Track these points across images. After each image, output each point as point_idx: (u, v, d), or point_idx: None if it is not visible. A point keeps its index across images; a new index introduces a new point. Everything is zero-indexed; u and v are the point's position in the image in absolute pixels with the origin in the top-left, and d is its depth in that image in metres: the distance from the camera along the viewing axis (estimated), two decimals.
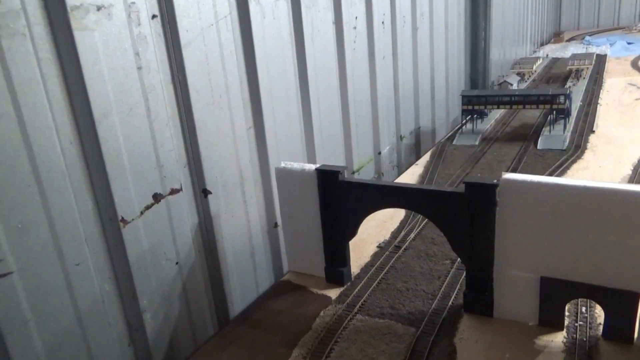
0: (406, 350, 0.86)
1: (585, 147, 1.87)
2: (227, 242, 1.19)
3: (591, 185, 0.77)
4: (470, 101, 2.13)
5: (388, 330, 0.92)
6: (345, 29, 1.58)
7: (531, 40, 5.13)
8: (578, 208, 0.79)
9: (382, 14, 1.84)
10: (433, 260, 1.16)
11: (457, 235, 0.92)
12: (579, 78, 3.11)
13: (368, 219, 1.43)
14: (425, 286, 1.05)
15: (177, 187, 1.03)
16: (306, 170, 1.05)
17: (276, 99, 1.30)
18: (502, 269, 0.89)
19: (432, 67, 2.42)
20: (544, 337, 0.86)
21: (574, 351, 0.82)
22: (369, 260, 1.20)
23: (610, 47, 4.45)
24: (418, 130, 2.33)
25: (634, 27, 5.82)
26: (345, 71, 1.62)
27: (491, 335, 0.88)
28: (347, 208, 1.03)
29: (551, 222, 0.81)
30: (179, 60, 1.00)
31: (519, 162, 1.79)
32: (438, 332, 0.90)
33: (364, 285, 1.08)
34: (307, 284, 1.11)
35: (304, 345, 0.90)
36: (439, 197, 0.92)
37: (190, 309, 1.10)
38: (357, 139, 1.75)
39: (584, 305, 0.92)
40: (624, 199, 0.75)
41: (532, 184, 0.82)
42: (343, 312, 0.99)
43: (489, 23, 2.98)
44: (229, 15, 1.11)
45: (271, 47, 1.26)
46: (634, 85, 2.86)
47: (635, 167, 1.61)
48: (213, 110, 1.10)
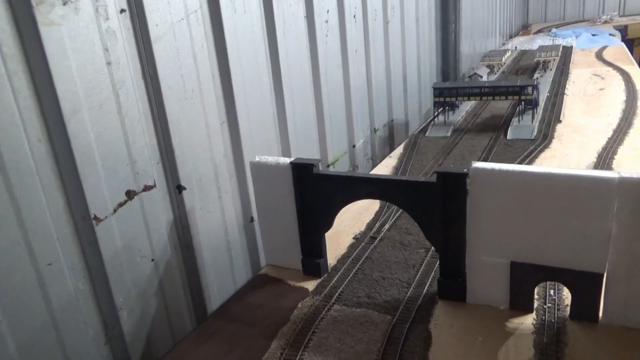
0: (383, 338, 0.87)
1: (552, 137, 1.93)
2: (203, 238, 1.18)
3: (556, 172, 0.80)
4: (442, 93, 2.16)
5: (365, 319, 0.94)
6: (317, 22, 1.59)
7: (500, 32, 5.23)
8: (544, 194, 0.81)
9: (354, 8, 1.85)
10: (408, 249, 1.18)
11: (430, 224, 0.94)
12: (546, 69, 3.19)
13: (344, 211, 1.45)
14: (401, 275, 1.07)
15: (151, 184, 1.02)
16: (281, 163, 1.05)
17: (249, 93, 1.30)
18: (474, 256, 0.91)
19: (404, 60, 2.45)
20: (515, 319, 0.89)
21: (543, 332, 0.85)
22: (345, 251, 1.21)
23: (575, 39, 4.57)
24: (391, 123, 2.36)
25: (598, 20, 5.98)
26: (318, 65, 1.62)
27: (465, 320, 0.90)
28: (322, 200, 1.04)
29: (519, 208, 0.84)
30: (149, 55, 0.99)
31: (490, 152, 1.83)
32: (414, 319, 0.92)
33: (340, 276, 1.09)
34: (285, 277, 1.12)
35: (282, 336, 0.91)
36: (411, 187, 0.94)
37: (167, 305, 1.09)
38: (332, 133, 1.76)
39: (552, 288, 0.96)
40: (587, 185, 0.78)
41: (500, 172, 0.84)
42: (320, 302, 1.00)
43: (458, 16, 3.02)
44: (199, 9, 1.10)
45: (243, 42, 1.26)
46: (598, 76, 2.96)
47: (600, 155, 1.67)
48: (186, 106, 1.09)
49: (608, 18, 5.94)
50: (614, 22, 5.73)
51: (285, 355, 0.85)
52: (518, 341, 0.83)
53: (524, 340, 0.84)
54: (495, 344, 0.83)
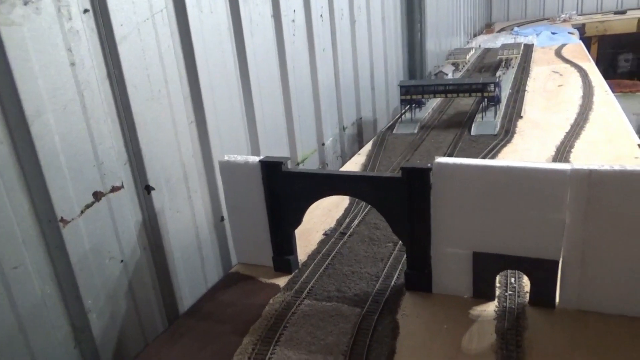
0: (352, 329, 0.90)
1: (514, 132, 1.99)
2: (173, 238, 1.18)
3: (513, 165, 0.84)
4: (408, 91, 2.21)
5: (335, 312, 0.96)
6: (284, 22, 1.60)
7: (465, 31, 5.35)
8: (503, 187, 0.85)
9: (320, 7, 1.87)
10: (376, 243, 1.21)
11: (397, 218, 0.97)
12: (508, 67, 3.28)
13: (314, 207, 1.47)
14: (370, 268, 1.10)
15: (119, 185, 1.02)
16: (250, 162, 1.06)
17: (217, 92, 1.30)
18: (438, 248, 0.95)
19: (371, 59, 2.48)
20: (478, 307, 0.93)
21: (504, 318, 0.89)
22: (316, 247, 1.23)
23: (536, 37, 4.72)
24: (360, 121, 2.39)
25: (558, 18, 6.18)
26: (285, 64, 1.64)
27: (430, 310, 0.94)
28: (291, 198, 1.05)
29: (480, 201, 0.88)
30: (114, 56, 0.99)
31: (455, 148, 1.89)
32: (382, 310, 0.95)
33: (311, 271, 1.11)
34: (256, 274, 1.13)
35: (254, 332, 0.92)
36: (378, 183, 0.97)
37: (138, 307, 1.09)
38: (301, 131, 1.77)
39: (513, 276, 1.00)
40: (541, 177, 0.82)
41: (461, 167, 0.88)
42: (291, 298, 1.02)
43: (423, 15, 3.08)
44: (164, 9, 1.10)
45: (210, 41, 1.26)
46: (557, 73, 3.07)
47: (558, 148, 1.74)
48: (153, 106, 1.09)
49: (567, 17, 6.15)
50: (573, 21, 5.93)
51: (257, 351, 0.87)
52: (481, 327, 0.87)
53: (487, 326, 0.87)
54: (460, 330, 0.87)
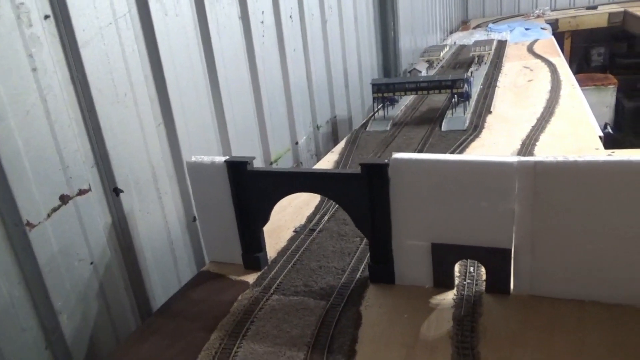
0: (317, 321, 0.93)
1: (483, 127, 2.04)
2: (144, 239, 1.20)
3: (465, 159, 0.88)
4: (380, 89, 2.24)
5: (301, 305, 0.99)
6: (252, 23, 1.62)
7: (441, 28, 5.42)
8: (456, 180, 0.89)
9: (290, 8, 1.89)
10: (344, 239, 1.24)
11: (359, 213, 1.00)
12: (481, 63, 3.35)
13: (285, 206, 1.50)
14: (337, 263, 1.13)
15: (86, 188, 1.03)
16: (216, 162, 1.09)
17: (185, 94, 1.32)
18: (399, 240, 0.98)
19: (344, 58, 2.52)
20: (438, 296, 0.96)
21: (461, 305, 0.93)
22: (286, 244, 1.26)
23: (510, 33, 4.80)
24: (334, 119, 2.43)
25: (532, 14, 6.30)
26: (255, 64, 1.66)
27: (393, 300, 0.97)
28: (258, 196, 1.08)
29: (436, 194, 0.91)
30: (77, 60, 1.00)
31: (425, 143, 1.93)
32: (346, 303, 0.98)
33: (280, 267, 1.14)
34: (227, 272, 1.16)
35: (222, 328, 0.95)
36: (338, 179, 1.00)
37: (110, 307, 1.11)
38: (273, 130, 1.80)
39: (472, 266, 1.04)
40: (491, 169, 0.86)
41: (417, 162, 0.91)
42: (260, 294, 1.04)
43: (396, 14, 3.13)
44: (128, 14, 1.12)
45: (176, 44, 1.28)
46: (528, 68, 3.14)
47: (524, 142, 1.79)
48: (118, 109, 1.11)
49: (541, 12, 6.27)
50: (546, 17, 6.04)
51: (224, 345, 0.89)
52: (439, 315, 0.91)
53: (445, 314, 0.91)
54: (419, 319, 0.91)
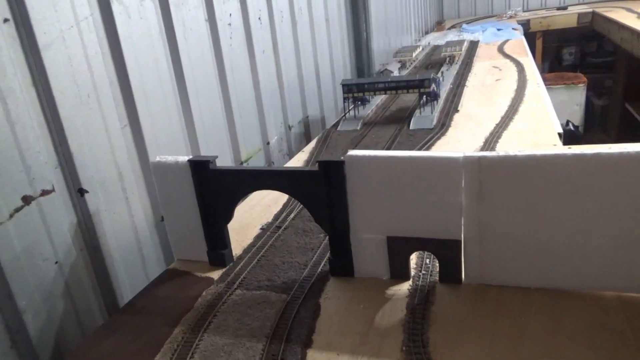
0: (276, 314, 0.96)
1: (449, 125, 2.10)
2: (111, 239, 1.22)
3: (415, 155, 0.92)
4: (350, 89, 2.28)
5: (263, 299, 1.02)
6: (219, 25, 1.65)
7: (416, 29, 5.50)
8: (407, 175, 0.93)
9: (258, 10, 1.92)
10: (309, 235, 1.28)
11: (318, 209, 1.04)
12: (452, 63, 3.42)
13: (254, 204, 1.53)
14: (300, 258, 1.16)
15: (49, 188, 1.05)
16: (179, 162, 1.11)
17: (151, 96, 1.34)
18: (356, 234, 1.02)
19: (316, 59, 2.55)
20: (394, 287, 1.00)
21: (415, 295, 0.97)
22: (252, 241, 1.29)
23: (482, 33, 4.90)
24: (307, 119, 2.46)
25: (505, 15, 6.43)
26: (223, 66, 1.68)
27: (351, 292, 1.01)
28: (221, 194, 1.11)
29: (389, 189, 0.95)
30: (38, 63, 1.01)
31: (393, 142, 1.98)
32: (306, 295, 1.01)
33: (244, 264, 1.17)
34: (192, 269, 1.18)
35: (185, 322, 0.97)
36: (297, 177, 1.03)
37: (76, 306, 1.12)
38: (243, 131, 1.82)
39: (428, 258, 1.08)
40: (438, 164, 0.90)
41: (370, 158, 0.95)
42: (223, 289, 1.07)
43: (368, 15, 3.18)
44: (90, 17, 1.13)
45: (141, 47, 1.30)
46: (497, 68, 3.22)
47: (487, 139, 1.85)
48: (82, 111, 1.12)
49: (513, 13, 6.40)
50: (518, 17, 6.17)
51: (186, 339, 0.92)
52: (394, 305, 0.95)
53: (399, 303, 0.95)
54: (375, 309, 0.94)
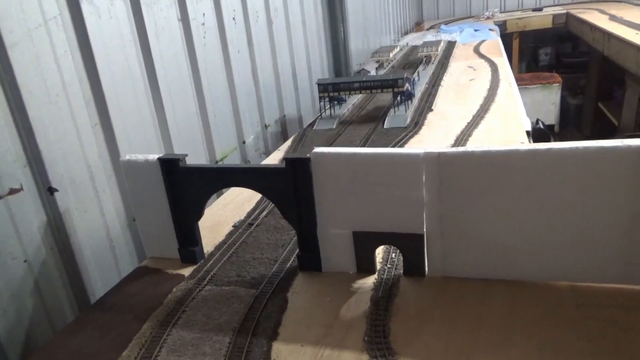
0: (244, 308, 0.98)
1: (422, 124, 2.14)
2: (82, 237, 1.22)
3: (377, 152, 0.95)
4: (326, 89, 2.31)
5: (232, 295, 1.04)
6: (192, 25, 1.66)
7: (395, 29, 5.55)
8: (371, 171, 0.96)
9: (233, 10, 1.94)
10: (280, 231, 1.30)
11: (286, 205, 1.06)
12: (428, 63, 3.47)
13: (227, 202, 1.55)
14: (270, 254, 1.18)
15: (17, 187, 1.05)
16: (149, 160, 1.12)
17: (122, 95, 1.34)
18: (323, 230, 1.04)
19: (293, 59, 2.57)
20: (360, 281, 1.03)
21: (379, 288, 1.00)
22: (224, 238, 1.30)
23: (459, 34, 4.98)
24: (284, 119, 2.48)
25: (482, 16, 6.53)
26: (197, 65, 1.69)
27: (318, 286, 1.03)
28: (191, 191, 1.12)
29: (354, 185, 0.98)
30: (5, 62, 1.02)
31: (367, 140, 2.01)
32: (274, 290, 1.03)
33: (215, 260, 1.19)
34: (164, 267, 1.19)
35: (154, 318, 0.98)
36: (265, 174, 1.05)
37: (46, 304, 1.12)
38: (218, 130, 1.84)
39: (394, 252, 1.11)
40: (400, 160, 0.93)
41: (335, 155, 0.98)
42: (193, 285, 1.09)
43: (345, 16, 3.21)
44: (58, 16, 1.14)
45: (111, 46, 1.30)
46: (472, 68, 3.28)
47: (458, 137, 1.90)
48: (51, 110, 1.12)
49: (490, 14, 6.51)
50: (495, 18, 6.28)
51: (154, 334, 0.93)
52: (359, 297, 0.98)
53: (364, 296, 0.98)
54: (340, 302, 0.97)
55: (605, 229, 0.86)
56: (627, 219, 0.84)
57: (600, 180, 0.84)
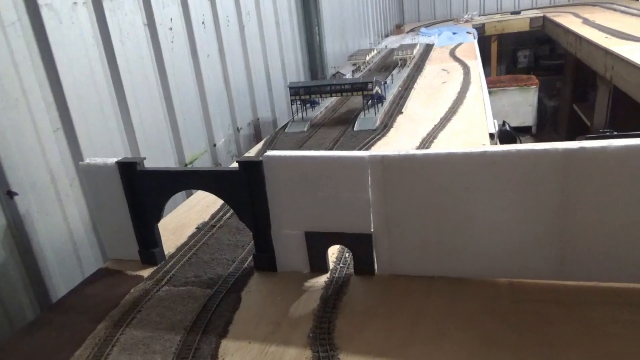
0: (199, 308, 1.01)
1: (391, 126, 2.18)
2: (43, 240, 1.24)
3: (326, 154, 0.98)
4: (297, 92, 2.34)
5: (188, 294, 1.06)
6: (159, 30, 1.68)
7: (375, 32, 5.61)
8: (320, 173, 0.99)
9: (202, 15, 1.96)
10: (241, 233, 1.33)
11: (241, 207, 1.09)
12: (404, 66, 3.52)
13: (193, 204, 1.57)
14: (229, 255, 1.21)
15: None
16: (108, 164, 1.14)
17: (85, 99, 1.36)
18: (277, 230, 1.07)
19: (266, 62, 2.60)
20: (312, 280, 1.06)
21: (330, 286, 1.03)
22: (186, 240, 1.33)
23: (438, 37, 5.05)
24: (257, 121, 2.51)
25: (462, 19, 6.62)
26: (165, 70, 1.72)
27: (272, 285, 1.06)
28: (149, 194, 1.14)
29: (304, 186, 1.01)
30: None
31: (336, 143, 2.04)
32: (229, 289, 1.06)
33: (175, 261, 1.21)
34: (124, 268, 1.21)
35: (109, 319, 1.01)
36: (220, 176, 1.08)
37: (6, 306, 1.14)
38: (187, 133, 1.86)
39: (348, 252, 1.15)
40: (346, 163, 0.96)
41: (286, 158, 1.01)
42: (151, 286, 1.11)
43: (320, 19, 3.25)
44: (17, 22, 1.15)
45: (73, 51, 1.32)
46: (445, 71, 3.34)
47: (424, 139, 1.94)
48: (10, 114, 1.14)
49: (469, 17, 6.60)
50: (474, 21, 6.38)
51: (108, 333, 0.96)
52: (309, 296, 1.01)
53: (314, 294, 1.01)
54: (291, 300, 1.00)
55: (538, 228, 0.90)
56: (558, 218, 0.88)
57: (532, 181, 0.88)
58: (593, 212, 0.86)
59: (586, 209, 0.86)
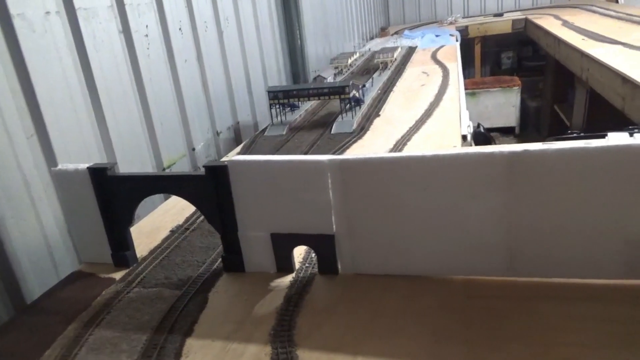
0: (167, 308, 1.04)
1: (368, 129, 2.23)
2: (17, 245, 1.26)
3: (288, 158, 1.02)
4: (276, 96, 2.38)
5: (157, 296, 1.09)
6: (135, 37, 1.71)
7: (359, 35, 5.66)
8: (283, 177, 1.03)
9: (179, 21, 1.99)
10: (213, 235, 1.36)
11: (209, 210, 1.12)
12: (385, 69, 3.58)
13: (169, 207, 1.60)
14: (200, 257, 1.25)
15: None
16: (79, 169, 1.17)
17: (60, 106, 1.39)
18: (244, 232, 1.11)
19: (246, 66, 2.64)
20: (278, 280, 1.10)
21: (294, 285, 1.07)
22: (159, 243, 1.36)
23: (421, 39, 5.11)
24: (237, 125, 2.54)
25: (445, 21, 6.70)
26: (141, 76, 1.74)
27: (239, 286, 1.10)
28: (120, 198, 1.17)
29: (269, 189, 1.05)
30: None
31: (313, 146, 2.08)
32: (197, 290, 1.09)
33: (147, 264, 1.24)
34: (97, 271, 1.24)
35: (79, 320, 1.04)
36: (187, 180, 1.11)
37: None
38: (164, 138, 1.89)
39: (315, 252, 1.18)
40: (307, 167, 1.00)
41: (249, 162, 1.05)
42: (122, 288, 1.14)
43: (302, 22, 3.29)
44: None
45: (47, 59, 1.35)
46: (425, 73, 3.39)
47: (398, 142, 1.99)
48: None
49: (453, 19, 6.68)
50: (457, 24, 6.46)
51: (77, 334, 0.98)
52: (274, 295, 1.04)
53: (279, 294, 1.05)
54: (256, 299, 1.04)
55: (488, 227, 0.94)
56: (506, 217, 0.93)
57: (482, 183, 0.92)
58: (538, 212, 0.90)
59: (531, 208, 0.90)
